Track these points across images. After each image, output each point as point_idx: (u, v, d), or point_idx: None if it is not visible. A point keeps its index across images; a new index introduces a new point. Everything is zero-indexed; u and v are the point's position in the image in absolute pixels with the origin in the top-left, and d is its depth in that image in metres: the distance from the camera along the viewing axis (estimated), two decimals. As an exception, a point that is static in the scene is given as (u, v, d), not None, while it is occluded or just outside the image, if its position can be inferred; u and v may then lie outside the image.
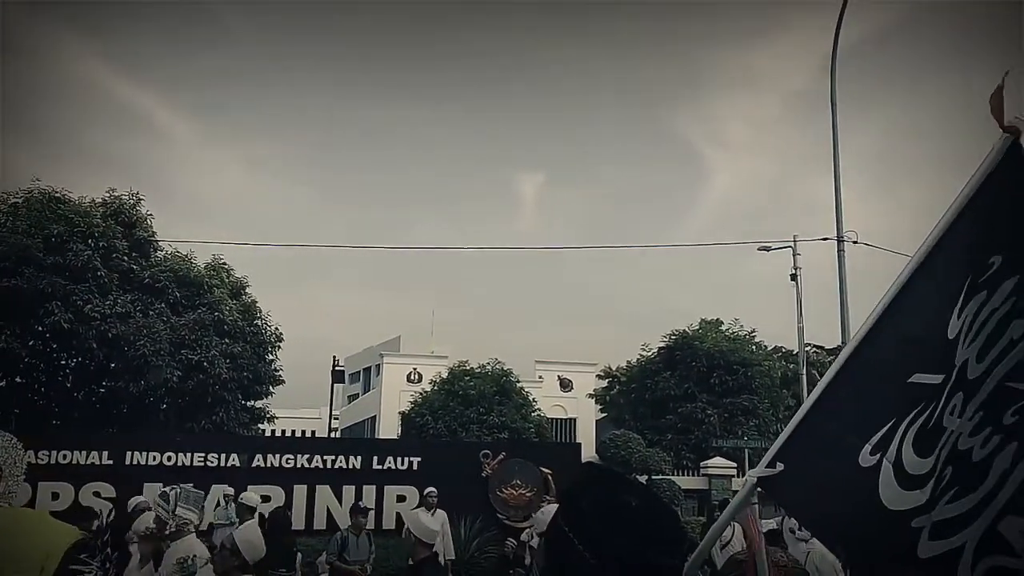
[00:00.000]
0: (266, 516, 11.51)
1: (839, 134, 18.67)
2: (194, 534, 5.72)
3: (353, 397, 49.21)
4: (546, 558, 1.64)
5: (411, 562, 5.56)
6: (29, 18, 51.24)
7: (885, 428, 2.07)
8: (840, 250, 18.69)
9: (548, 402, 35.95)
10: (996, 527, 1.91)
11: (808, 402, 2.22)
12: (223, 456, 14.58)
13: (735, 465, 24.34)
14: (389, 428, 35.32)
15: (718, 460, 24.76)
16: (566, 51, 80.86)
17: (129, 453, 14.05)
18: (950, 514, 1.98)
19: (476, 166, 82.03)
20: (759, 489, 2.22)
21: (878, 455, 2.05)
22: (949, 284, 2.11)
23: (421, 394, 28.77)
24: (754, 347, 31.66)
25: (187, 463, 14.24)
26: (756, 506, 2.59)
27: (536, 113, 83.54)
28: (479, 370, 28.12)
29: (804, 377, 24.26)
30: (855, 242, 19.23)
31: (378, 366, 43.07)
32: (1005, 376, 1.98)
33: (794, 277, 25.02)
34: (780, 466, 2.17)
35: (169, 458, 14.22)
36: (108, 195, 23.96)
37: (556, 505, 1.67)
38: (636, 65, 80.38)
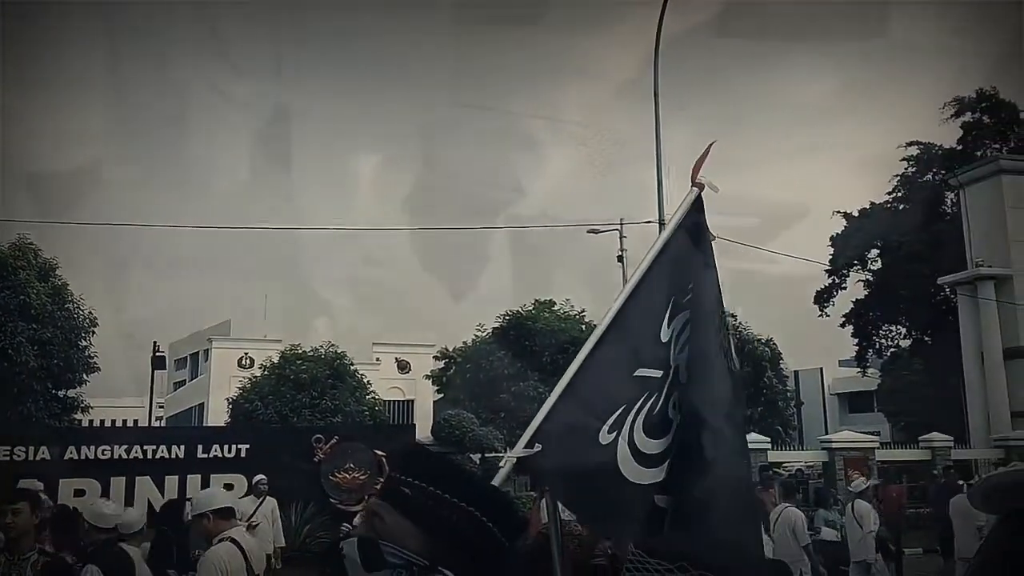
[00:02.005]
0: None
1: (664, 121, 19.57)
2: None
3: (179, 384, 47.07)
4: (385, 513, 1.65)
5: (90, 549, 5.68)
6: None
7: (618, 412, 2.39)
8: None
9: (386, 384, 35.76)
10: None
11: (558, 389, 2.46)
12: (31, 449, 13.74)
13: (564, 440, 25.21)
14: (218, 415, 34.05)
15: (548, 436, 25.53)
16: (405, 32, 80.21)
17: (-78, 449, 13.04)
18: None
19: (311, 145, 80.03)
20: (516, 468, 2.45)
21: (614, 434, 2.36)
22: (659, 298, 2.55)
23: (252, 379, 27.95)
24: (583, 327, 32.73)
25: (-10, 458, 13.36)
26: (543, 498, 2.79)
27: (372, 96, 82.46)
28: (312, 353, 27.60)
29: (628, 354, 25.34)
30: (675, 226, 20.25)
31: (207, 351, 41.42)
32: None
33: (620, 259, 26.11)
34: (538, 446, 2.40)
35: (-31, 453, 13.31)
36: None
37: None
38: (475, 50, 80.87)
